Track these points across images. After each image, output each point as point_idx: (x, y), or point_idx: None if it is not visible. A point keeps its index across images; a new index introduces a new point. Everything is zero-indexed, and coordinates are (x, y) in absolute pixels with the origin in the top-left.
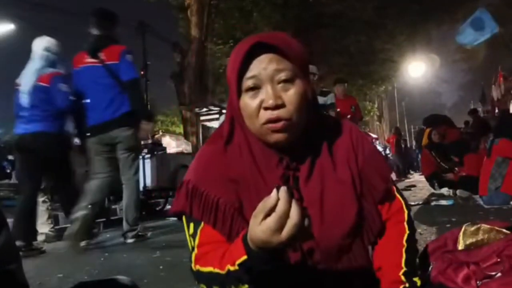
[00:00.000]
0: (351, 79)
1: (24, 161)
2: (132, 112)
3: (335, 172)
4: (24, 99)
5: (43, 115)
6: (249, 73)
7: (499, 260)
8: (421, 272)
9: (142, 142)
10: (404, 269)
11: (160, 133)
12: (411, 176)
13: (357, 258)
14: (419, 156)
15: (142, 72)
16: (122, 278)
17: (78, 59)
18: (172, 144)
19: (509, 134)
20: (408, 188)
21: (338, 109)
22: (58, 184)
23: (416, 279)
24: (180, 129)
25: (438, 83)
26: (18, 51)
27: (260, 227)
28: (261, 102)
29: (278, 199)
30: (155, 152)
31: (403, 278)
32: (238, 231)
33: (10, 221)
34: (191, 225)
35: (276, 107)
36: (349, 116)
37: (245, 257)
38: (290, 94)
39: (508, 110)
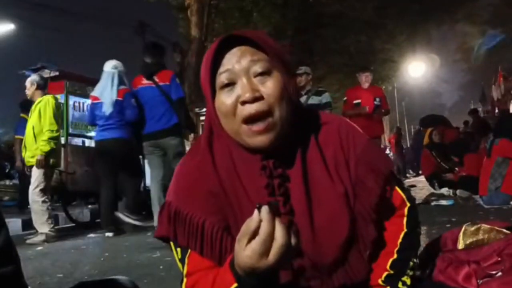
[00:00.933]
0: (351, 79)
1: (103, 162)
2: (179, 123)
3: (324, 176)
4: (107, 110)
5: (118, 124)
6: (222, 68)
7: (499, 259)
8: (421, 272)
9: None
10: (388, 272)
11: None
12: (411, 176)
13: (353, 270)
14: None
15: None
16: (122, 278)
17: (136, 81)
18: None
19: (509, 134)
20: (408, 188)
21: (359, 100)
22: (127, 180)
23: (405, 278)
24: None
25: (438, 83)
26: (18, 51)
27: (245, 253)
28: (238, 98)
29: (260, 220)
30: None
31: (381, 283)
32: (231, 251)
33: (11, 220)
34: (178, 250)
35: (254, 100)
36: (367, 108)
37: (235, 285)
38: (268, 86)
39: (508, 110)
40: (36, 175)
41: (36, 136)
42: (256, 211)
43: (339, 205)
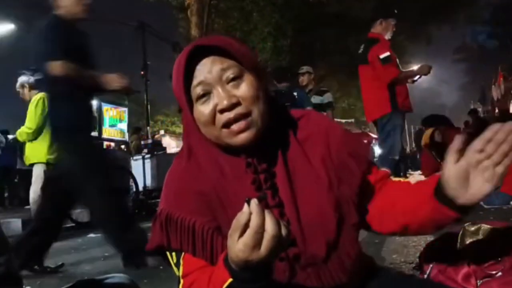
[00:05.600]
0: (351, 79)
1: None
2: None
3: (306, 167)
4: None
5: None
6: (195, 81)
7: (499, 259)
8: (421, 272)
9: (142, 142)
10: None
11: (161, 133)
12: (411, 176)
13: (346, 253)
14: (418, 156)
15: (142, 72)
16: (120, 275)
17: None
18: (172, 144)
19: None
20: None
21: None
22: None
23: None
24: (180, 129)
25: (438, 83)
26: (18, 51)
27: (237, 246)
28: (215, 106)
29: (251, 213)
30: (155, 152)
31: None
32: (222, 251)
33: (11, 220)
34: (173, 254)
35: (232, 106)
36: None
37: (230, 280)
38: (243, 90)
39: (508, 110)
40: (37, 174)
41: None
42: (245, 205)
43: (323, 193)
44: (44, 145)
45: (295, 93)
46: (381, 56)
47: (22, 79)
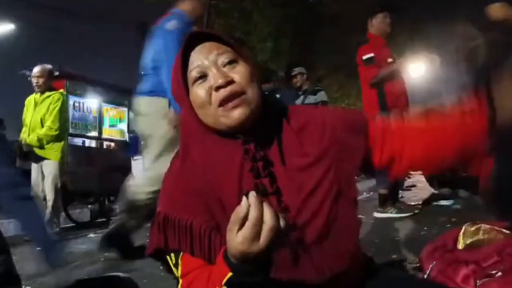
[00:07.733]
0: (351, 79)
1: None
2: None
3: (303, 154)
4: None
5: None
6: (191, 66)
7: (499, 259)
8: (421, 272)
9: (142, 142)
10: None
11: None
12: (411, 176)
13: (344, 240)
14: None
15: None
16: (120, 275)
17: None
18: None
19: None
20: (408, 188)
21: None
22: None
23: None
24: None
25: (438, 83)
26: (18, 51)
27: (237, 239)
28: (211, 87)
29: (249, 206)
30: None
31: None
32: (221, 249)
33: (12, 220)
34: (172, 255)
35: (228, 83)
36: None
37: (230, 274)
38: (238, 71)
39: None
40: (48, 172)
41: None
42: (244, 198)
43: (320, 175)
44: (59, 144)
45: (277, 95)
46: (364, 57)
47: (46, 67)
